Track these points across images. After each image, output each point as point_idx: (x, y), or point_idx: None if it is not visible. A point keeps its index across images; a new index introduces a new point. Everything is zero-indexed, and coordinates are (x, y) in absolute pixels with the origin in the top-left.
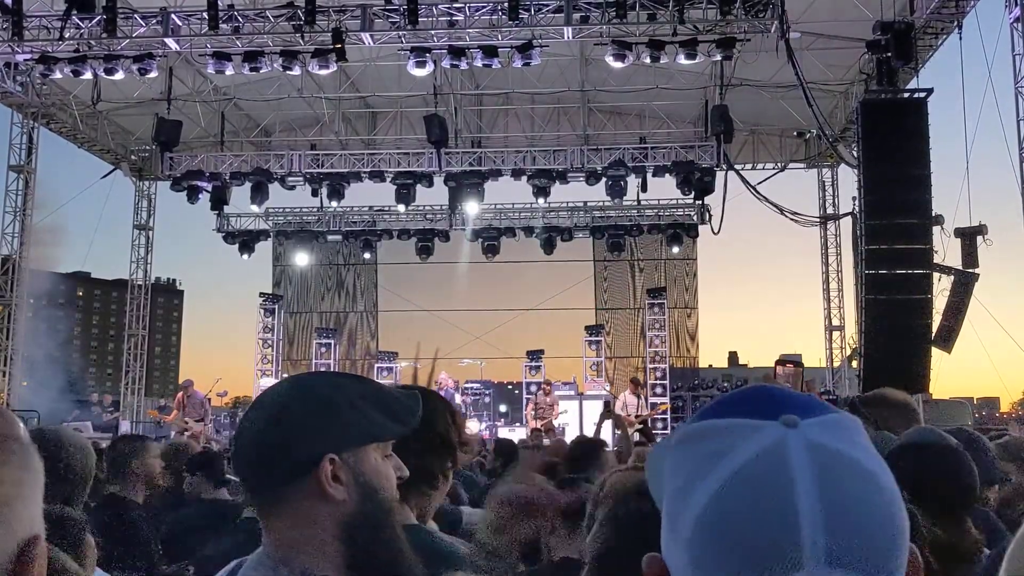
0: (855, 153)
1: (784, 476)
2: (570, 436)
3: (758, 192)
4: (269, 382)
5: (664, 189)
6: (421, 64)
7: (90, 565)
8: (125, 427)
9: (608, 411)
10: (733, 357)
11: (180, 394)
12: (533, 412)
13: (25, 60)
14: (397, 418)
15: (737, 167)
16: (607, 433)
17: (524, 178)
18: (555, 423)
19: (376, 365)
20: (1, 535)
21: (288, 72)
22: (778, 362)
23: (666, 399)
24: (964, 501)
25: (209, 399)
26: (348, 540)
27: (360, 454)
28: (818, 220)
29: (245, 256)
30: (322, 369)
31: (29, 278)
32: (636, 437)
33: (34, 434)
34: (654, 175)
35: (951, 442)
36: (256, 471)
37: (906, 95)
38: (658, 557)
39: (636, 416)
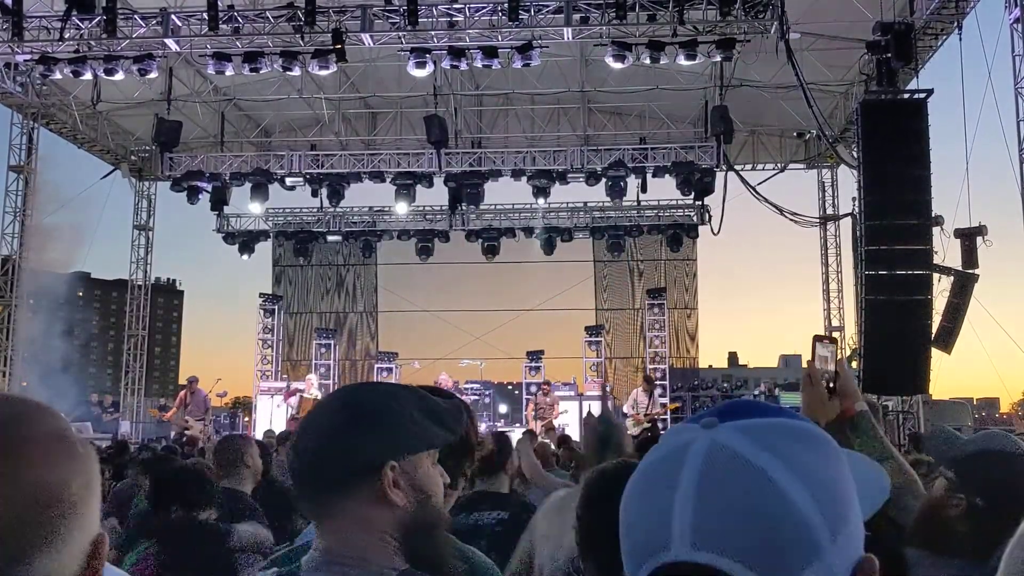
0: (855, 154)
1: (673, 471)
2: (571, 436)
3: (758, 193)
4: (269, 383)
5: (664, 190)
6: (421, 65)
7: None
8: (125, 428)
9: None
10: (733, 357)
11: (184, 391)
12: (533, 412)
13: (25, 60)
14: (447, 427)
15: (737, 168)
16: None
17: (524, 178)
18: (556, 423)
19: (376, 366)
20: (78, 534)
21: (288, 73)
22: (816, 338)
23: (666, 399)
24: None
25: (209, 399)
26: (405, 543)
27: (416, 461)
28: (818, 221)
29: (245, 256)
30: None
31: (29, 278)
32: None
33: None
34: (654, 176)
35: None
36: (318, 476)
37: (906, 96)
38: None
39: (645, 415)
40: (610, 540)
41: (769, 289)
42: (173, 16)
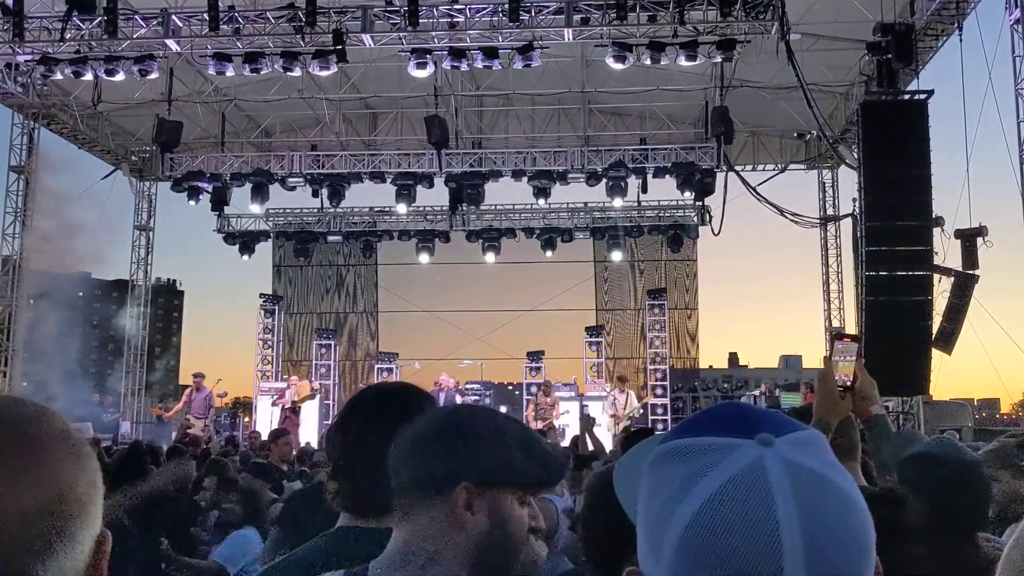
0: (855, 154)
1: (764, 495)
2: (571, 437)
3: (758, 193)
4: (269, 383)
5: (664, 190)
6: (421, 65)
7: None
8: (125, 427)
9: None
10: (733, 358)
11: (190, 388)
12: (534, 413)
13: (26, 61)
14: (545, 468)
15: (737, 168)
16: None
17: (524, 179)
18: (556, 424)
19: (376, 366)
20: (86, 531)
21: (289, 73)
22: (835, 336)
23: (666, 399)
24: (979, 517)
25: (212, 397)
26: (472, 568)
27: (498, 492)
28: (818, 221)
29: (245, 257)
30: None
31: (29, 278)
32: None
33: None
34: (654, 176)
35: (968, 456)
36: (399, 477)
37: (906, 97)
38: (637, 572)
39: (624, 413)
40: (612, 543)
41: (769, 290)
42: (174, 16)
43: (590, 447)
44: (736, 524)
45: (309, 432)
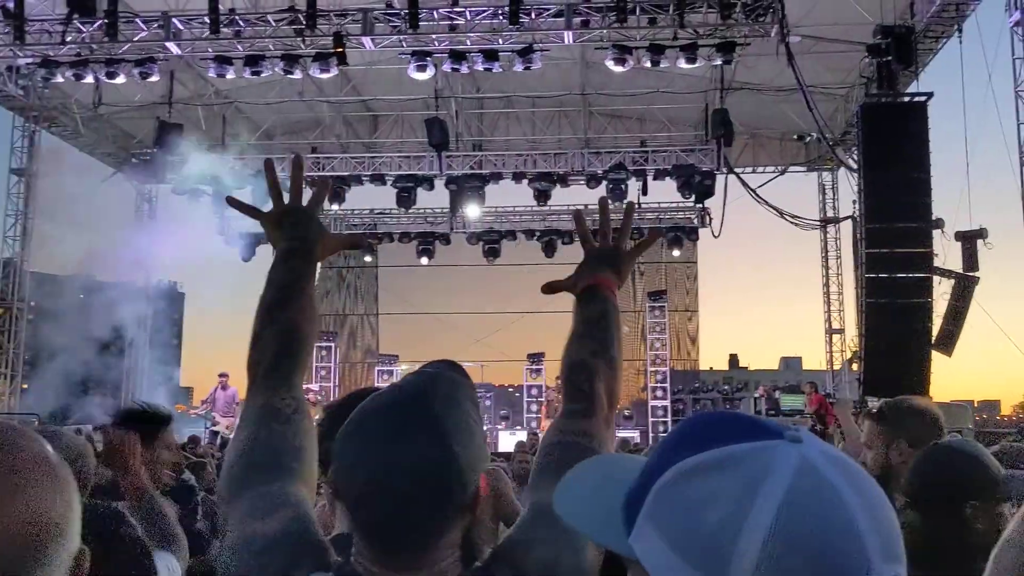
0: (855, 156)
1: (829, 488)
2: None
3: (758, 195)
4: None
5: (665, 192)
6: (422, 68)
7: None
8: None
9: None
10: (734, 360)
11: (215, 387)
12: (546, 412)
13: (27, 64)
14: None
15: (737, 170)
16: None
17: (525, 181)
18: None
19: (377, 368)
20: (62, 551)
21: (289, 76)
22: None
23: (667, 401)
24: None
25: (237, 394)
26: (466, 545)
27: None
28: (818, 223)
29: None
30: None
31: (31, 280)
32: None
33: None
34: (655, 178)
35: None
36: (425, 508)
37: (906, 99)
38: None
39: None
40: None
41: (769, 291)
42: (174, 20)
43: None
44: (818, 521)
45: None
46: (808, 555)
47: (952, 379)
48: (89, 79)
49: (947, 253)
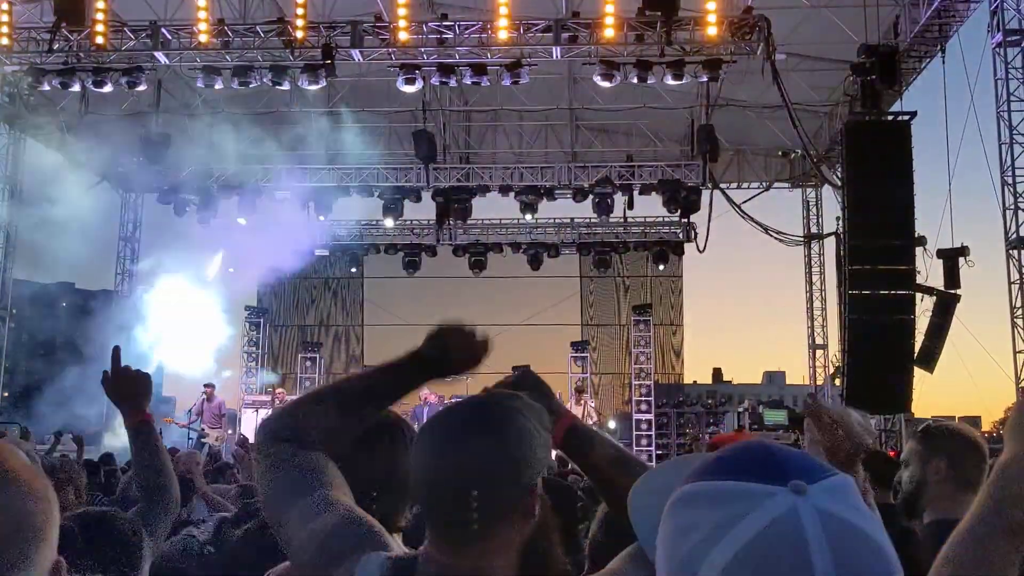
0: (839, 174)
1: (800, 546)
2: None
3: (743, 211)
4: (254, 396)
5: (650, 207)
6: (410, 81)
7: None
8: (109, 439)
9: None
10: (717, 374)
11: (201, 399)
12: None
13: (13, 71)
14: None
15: (723, 186)
16: None
17: (511, 194)
18: None
19: None
20: (42, 557)
21: (277, 87)
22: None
23: (651, 414)
24: None
25: (224, 405)
26: (523, 555)
27: None
28: (802, 239)
29: (231, 269)
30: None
31: (14, 289)
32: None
33: None
34: (640, 193)
35: None
36: (482, 501)
37: (890, 118)
38: None
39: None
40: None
41: (754, 306)
42: (163, 30)
43: None
44: (771, 572)
45: None
46: None
47: (934, 395)
48: (76, 88)
49: (929, 271)
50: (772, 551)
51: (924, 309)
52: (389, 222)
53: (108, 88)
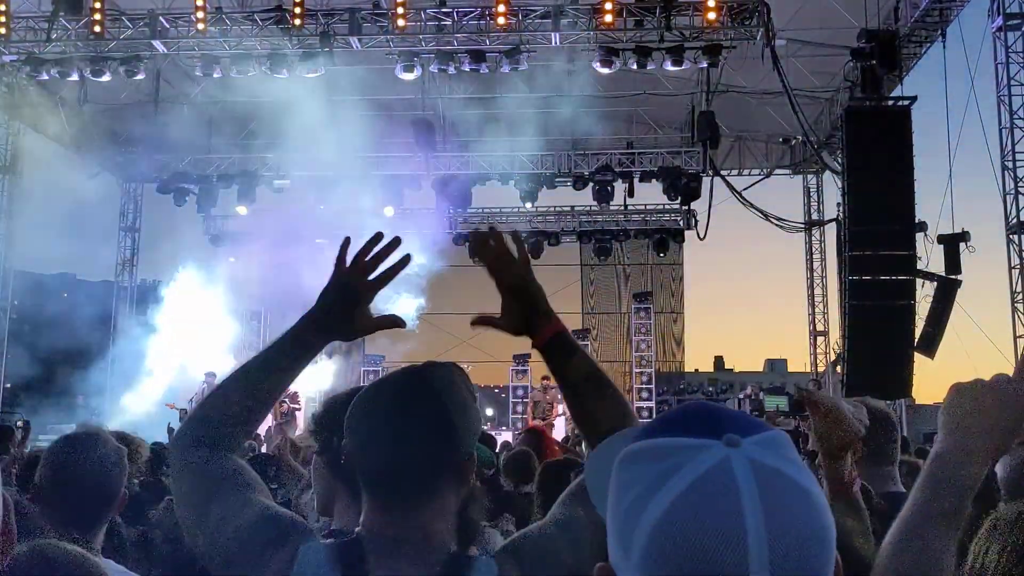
0: (840, 160)
1: (731, 495)
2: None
3: (744, 198)
4: None
5: (651, 194)
6: (409, 68)
7: None
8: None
9: None
10: (719, 361)
11: (203, 387)
12: (532, 412)
13: (11, 61)
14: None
15: (723, 173)
16: None
17: (511, 182)
18: (555, 423)
19: (362, 368)
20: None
21: (276, 75)
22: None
23: (652, 402)
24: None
25: None
26: (460, 519)
27: None
28: (803, 226)
29: (232, 259)
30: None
31: (16, 279)
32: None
33: None
34: (641, 180)
35: None
36: (424, 468)
37: (890, 103)
38: (608, 567)
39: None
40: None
41: (755, 293)
42: (161, 18)
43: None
44: (703, 523)
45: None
46: (687, 553)
47: (935, 381)
48: (75, 77)
49: (930, 256)
50: (705, 501)
51: (925, 295)
52: (388, 211)
53: (107, 77)
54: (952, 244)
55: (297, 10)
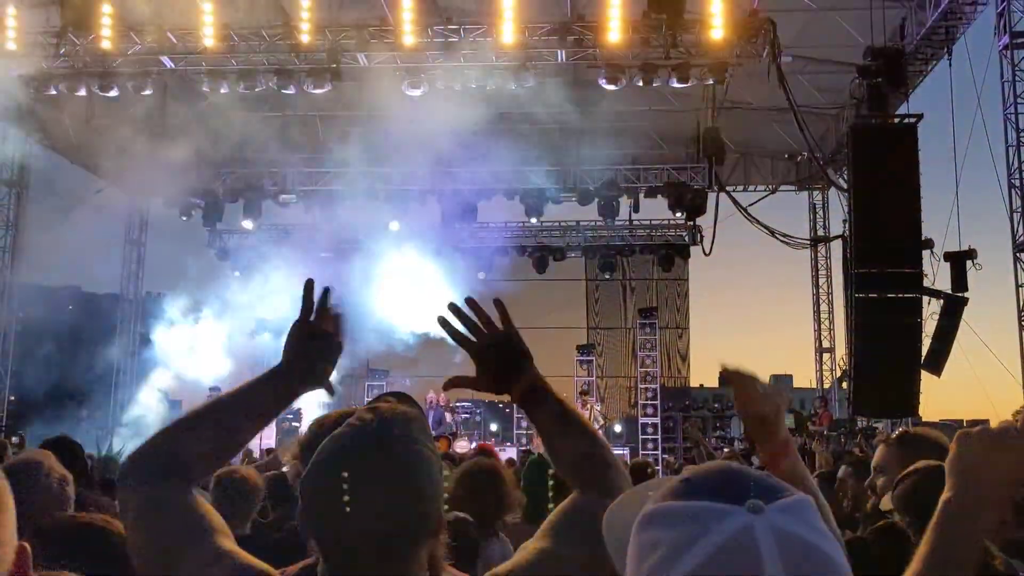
0: (846, 176)
1: (754, 564)
2: None
3: (749, 214)
4: None
5: (656, 210)
6: (415, 85)
7: None
8: (117, 443)
9: None
10: (724, 377)
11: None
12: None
13: (20, 75)
14: None
15: (729, 189)
16: None
17: (517, 197)
18: None
19: (367, 382)
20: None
21: (283, 91)
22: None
23: (657, 418)
24: None
25: None
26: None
27: None
28: (809, 242)
29: (236, 273)
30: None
31: (21, 292)
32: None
33: None
34: (646, 196)
35: None
36: (404, 537)
37: (896, 120)
38: None
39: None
40: None
41: (760, 310)
42: (169, 34)
43: None
44: None
45: None
46: None
47: (941, 399)
48: (82, 92)
49: (936, 273)
50: (728, 569)
51: (931, 312)
52: (394, 226)
53: (115, 92)
54: (959, 262)
55: (304, 27)
